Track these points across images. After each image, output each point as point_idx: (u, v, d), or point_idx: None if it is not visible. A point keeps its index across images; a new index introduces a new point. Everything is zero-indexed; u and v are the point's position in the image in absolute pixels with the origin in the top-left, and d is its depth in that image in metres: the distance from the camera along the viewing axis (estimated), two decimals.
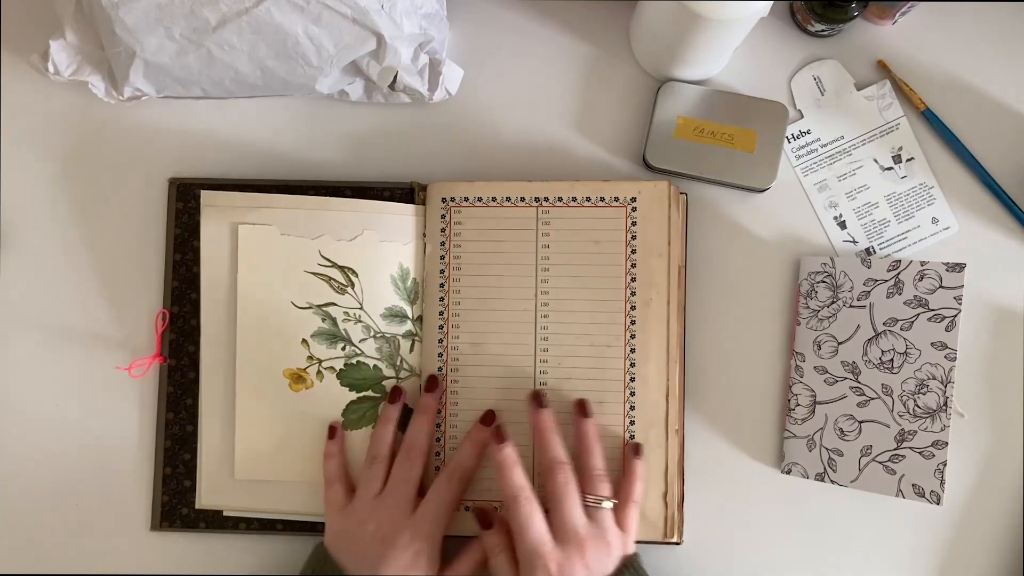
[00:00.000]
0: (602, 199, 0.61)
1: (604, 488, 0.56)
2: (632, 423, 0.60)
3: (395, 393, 0.60)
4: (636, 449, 0.59)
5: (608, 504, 0.56)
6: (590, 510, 0.55)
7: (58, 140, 0.65)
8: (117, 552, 0.63)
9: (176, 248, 0.63)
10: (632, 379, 0.60)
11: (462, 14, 0.65)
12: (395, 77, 0.60)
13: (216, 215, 0.61)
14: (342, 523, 0.57)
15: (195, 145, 0.65)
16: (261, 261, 0.61)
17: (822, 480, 0.61)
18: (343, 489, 0.59)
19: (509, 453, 0.57)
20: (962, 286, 0.59)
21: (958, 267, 0.59)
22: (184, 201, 0.63)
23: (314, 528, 0.62)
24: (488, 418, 0.60)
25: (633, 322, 0.60)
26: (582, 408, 0.59)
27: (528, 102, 0.65)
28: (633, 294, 0.60)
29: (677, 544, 0.60)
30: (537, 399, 0.59)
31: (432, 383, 0.60)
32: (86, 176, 0.65)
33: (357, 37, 0.57)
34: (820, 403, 0.61)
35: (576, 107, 0.65)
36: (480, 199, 0.62)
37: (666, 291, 0.60)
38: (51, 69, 0.59)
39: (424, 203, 0.62)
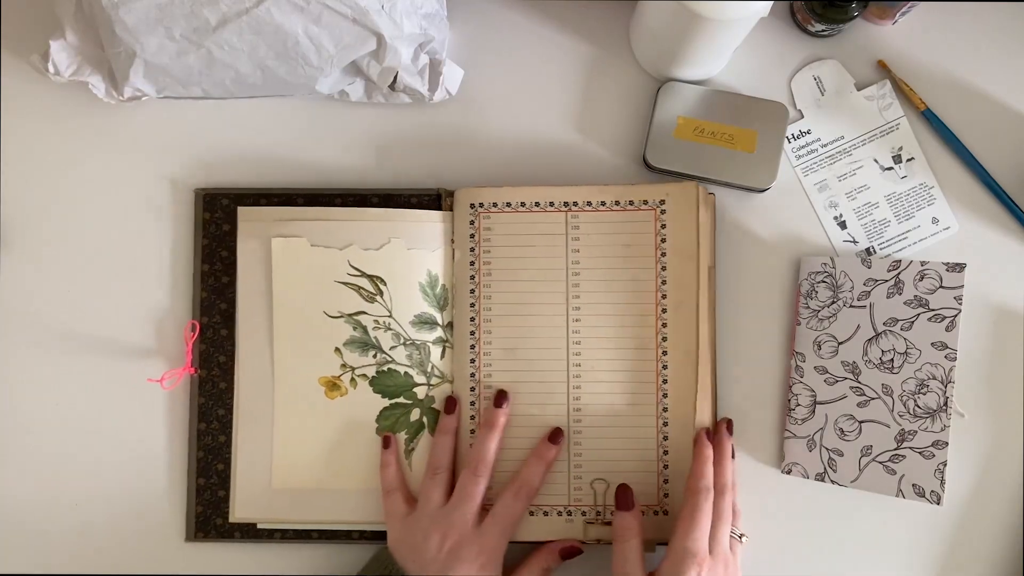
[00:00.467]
0: (631, 202, 0.61)
1: (740, 525, 0.59)
2: (665, 424, 0.60)
3: (450, 403, 0.61)
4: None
5: (745, 540, 0.59)
6: (732, 540, 0.58)
7: (59, 142, 0.65)
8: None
9: (204, 259, 0.63)
10: (664, 381, 0.60)
11: (462, 14, 0.65)
12: (395, 77, 0.60)
13: (250, 229, 0.62)
14: (405, 532, 0.58)
15: (205, 146, 0.65)
16: (294, 272, 0.61)
17: (822, 480, 0.61)
18: (402, 498, 0.59)
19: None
20: (962, 286, 0.59)
21: (958, 267, 0.59)
22: (211, 212, 0.63)
23: (348, 536, 0.62)
24: (555, 436, 0.60)
25: (664, 325, 0.60)
26: (729, 427, 0.61)
27: (528, 102, 0.65)
28: (664, 297, 0.60)
29: None
30: (729, 427, 0.60)
31: (501, 397, 0.60)
32: (91, 180, 0.65)
33: (357, 37, 0.57)
34: (820, 403, 0.61)
35: (576, 107, 0.65)
36: (508, 204, 0.61)
37: (696, 293, 0.60)
38: (51, 69, 0.59)
39: (451, 209, 0.62)
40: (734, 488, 0.58)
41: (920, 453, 0.59)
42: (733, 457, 0.60)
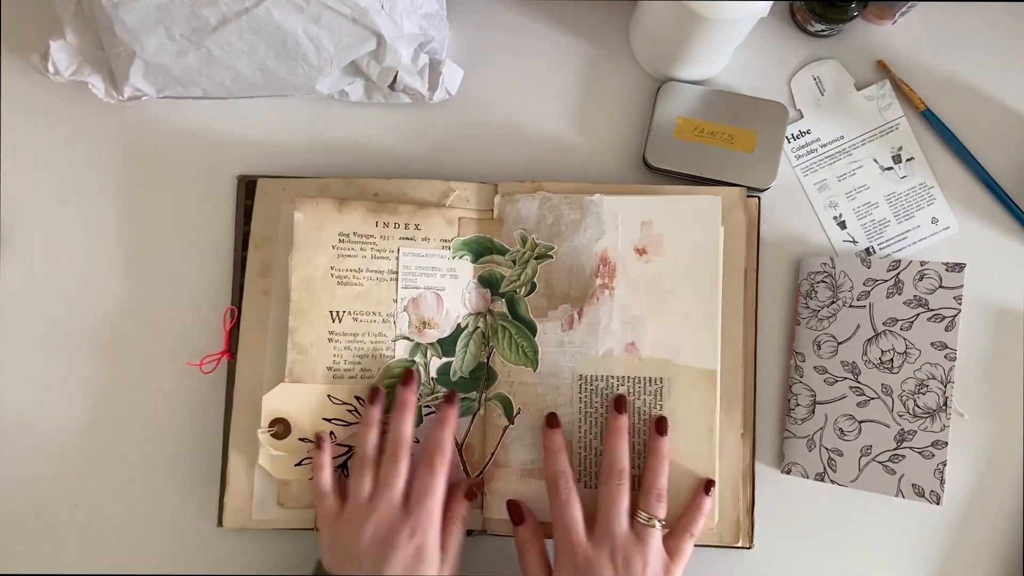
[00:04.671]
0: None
1: (659, 509, 0.56)
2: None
3: (374, 393, 0.59)
4: (708, 486, 0.58)
5: (658, 525, 0.55)
6: (637, 525, 0.55)
7: (59, 142, 0.65)
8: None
9: (244, 245, 0.63)
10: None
11: (462, 14, 0.65)
12: (395, 77, 0.60)
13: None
14: (338, 532, 0.56)
15: (205, 145, 0.65)
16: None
17: (822, 480, 0.61)
18: (336, 500, 0.57)
19: (557, 438, 0.58)
20: (962, 286, 0.59)
21: (958, 267, 0.59)
22: (252, 198, 0.63)
23: None
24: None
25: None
26: (660, 425, 0.58)
27: (528, 102, 0.65)
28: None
29: (748, 548, 0.60)
30: (618, 404, 0.58)
31: (408, 377, 0.59)
32: (91, 179, 0.65)
33: (357, 37, 0.57)
34: (820, 403, 0.61)
35: (576, 107, 0.65)
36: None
37: (738, 295, 0.60)
38: (51, 69, 0.59)
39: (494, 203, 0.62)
40: (663, 473, 0.57)
41: (920, 453, 0.59)
42: (663, 432, 0.58)
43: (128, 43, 0.56)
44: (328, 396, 0.60)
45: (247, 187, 0.63)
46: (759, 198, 0.63)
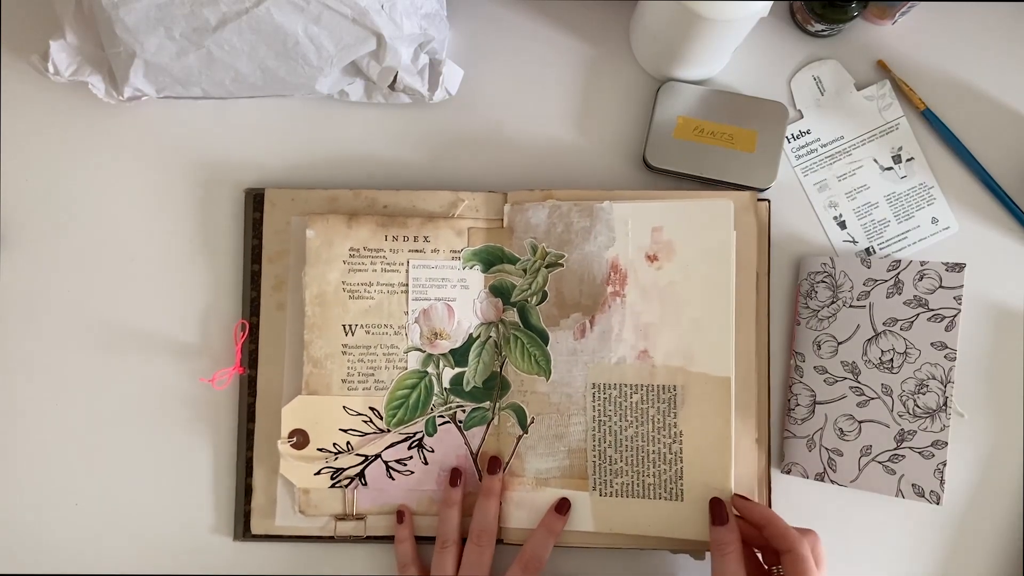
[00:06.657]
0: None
1: None
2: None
3: (455, 475, 0.60)
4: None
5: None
6: None
7: (59, 142, 0.65)
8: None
9: (254, 259, 0.63)
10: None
11: (462, 14, 0.65)
12: (395, 77, 0.60)
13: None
14: None
15: (205, 146, 0.65)
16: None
17: (822, 480, 0.61)
18: (417, 572, 0.59)
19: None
20: (962, 286, 0.59)
21: (958, 267, 0.59)
22: (261, 211, 0.63)
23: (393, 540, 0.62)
24: (562, 507, 0.59)
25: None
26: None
27: (528, 102, 0.65)
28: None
29: None
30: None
31: (494, 464, 0.60)
32: (90, 180, 0.65)
33: (357, 37, 0.57)
34: (820, 403, 0.61)
35: (576, 107, 0.65)
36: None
37: (750, 300, 0.60)
38: (51, 69, 0.59)
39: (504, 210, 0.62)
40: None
41: (920, 453, 0.59)
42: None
43: (128, 43, 0.56)
44: (344, 407, 0.60)
45: (255, 200, 0.63)
46: (769, 201, 0.63)
